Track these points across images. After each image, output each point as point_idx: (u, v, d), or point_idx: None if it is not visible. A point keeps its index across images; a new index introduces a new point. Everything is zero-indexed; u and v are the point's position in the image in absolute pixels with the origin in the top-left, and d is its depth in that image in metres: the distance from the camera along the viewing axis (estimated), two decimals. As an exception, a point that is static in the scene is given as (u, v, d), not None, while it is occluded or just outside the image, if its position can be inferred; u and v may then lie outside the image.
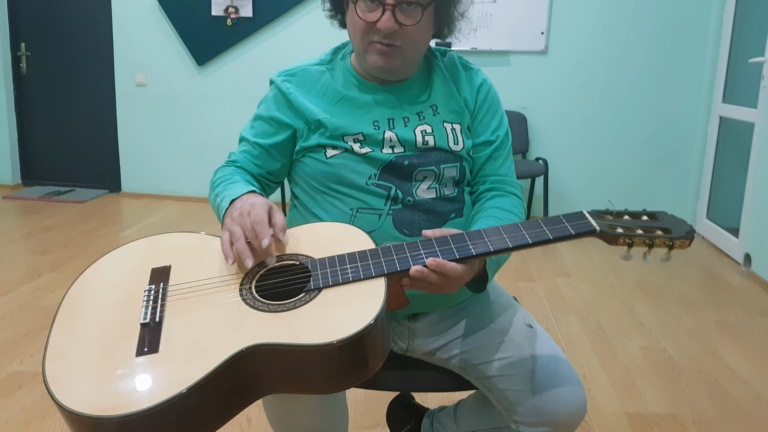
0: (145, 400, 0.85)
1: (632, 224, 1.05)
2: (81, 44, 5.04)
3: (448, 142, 1.27)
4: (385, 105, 1.27)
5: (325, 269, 1.03)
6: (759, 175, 3.53)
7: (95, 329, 0.98)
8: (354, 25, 1.21)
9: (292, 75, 1.31)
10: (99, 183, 5.25)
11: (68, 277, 3.18)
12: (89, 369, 0.92)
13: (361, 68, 1.28)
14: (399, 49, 1.19)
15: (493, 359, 1.22)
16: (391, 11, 1.15)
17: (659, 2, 4.32)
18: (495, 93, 1.35)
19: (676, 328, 2.80)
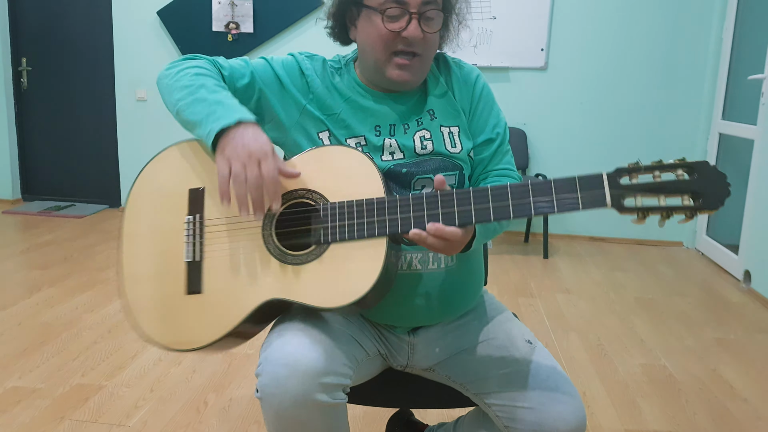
0: (200, 339, 1.14)
1: (656, 188, 1.00)
2: (82, 59, 5.07)
3: (446, 145, 1.27)
4: (387, 112, 1.28)
5: (335, 222, 1.10)
6: (759, 192, 3.53)
7: (153, 260, 1.20)
8: (375, 36, 1.20)
9: (312, 59, 1.32)
10: (99, 198, 5.26)
11: (67, 292, 3.18)
12: (154, 302, 1.18)
13: (369, 79, 1.29)
14: (419, 58, 1.22)
15: (492, 375, 1.22)
16: (417, 20, 1.17)
17: (659, 19, 4.35)
18: (489, 89, 1.37)
19: (676, 345, 2.79)
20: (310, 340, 1.09)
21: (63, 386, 2.23)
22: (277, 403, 1.04)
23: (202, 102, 1.14)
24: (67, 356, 2.47)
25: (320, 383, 1.05)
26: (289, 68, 1.29)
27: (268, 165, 1.07)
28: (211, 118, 1.12)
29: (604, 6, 4.39)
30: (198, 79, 1.18)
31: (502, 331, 1.29)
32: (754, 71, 3.73)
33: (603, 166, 4.49)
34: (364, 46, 1.24)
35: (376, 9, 1.18)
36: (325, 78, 1.29)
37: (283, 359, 1.05)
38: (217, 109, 1.12)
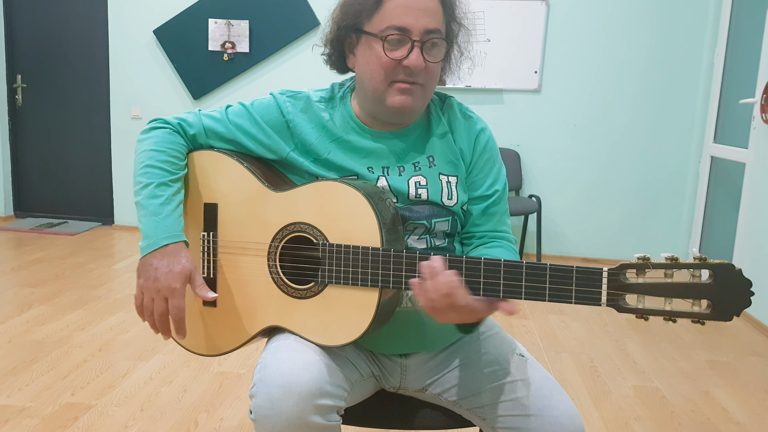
0: (212, 349, 1.26)
1: (665, 290, 0.93)
2: (77, 77, 5.08)
3: (442, 196, 1.24)
4: (381, 152, 1.24)
5: (332, 265, 1.13)
6: (750, 215, 3.56)
7: None
8: (375, 64, 1.16)
9: (295, 98, 1.28)
10: (92, 215, 5.24)
11: (58, 310, 3.16)
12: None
13: (367, 112, 1.25)
14: (420, 87, 1.18)
15: (486, 389, 1.22)
16: (419, 48, 1.14)
17: (651, 43, 4.40)
18: (494, 144, 1.32)
19: (668, 368, 2.79)
20: (305, 361, 1.08)
21: (52, 405, 2.21)
22: (271, 425, 1.03)
23: (141, 209, 1.20)
24: (57, 375, 2.44)
25: (315, 405, 1.04)
26: (270, 114, 1.27)
27: (173, 304, 1.13)
28: (143, 234, 1.17)
29: (598, 30, 4.44)
30: (146, 174, 1.21)
31: (494, 347, 1.29)
32: (745, 95, 3.78)
33: (595, 188, 4.55)
34: (363, 74, 1.20)
35: (377, 36, 1.15)
36: (311, 118, 1.26)
37: (278, 380, 1.05)
38: (149, 224, 1.17)
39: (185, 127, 1.28)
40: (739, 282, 0.90)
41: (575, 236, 4.67)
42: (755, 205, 3.50)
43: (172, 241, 1.15)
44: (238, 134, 1.26)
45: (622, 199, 4.60)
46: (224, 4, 4.71)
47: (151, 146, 1.24)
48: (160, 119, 1.29)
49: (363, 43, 1.19)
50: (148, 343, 2.79)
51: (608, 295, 0.97)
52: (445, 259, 1.04)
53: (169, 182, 1.21)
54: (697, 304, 0.93)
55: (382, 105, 1.19)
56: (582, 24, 4.46)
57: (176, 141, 1.26)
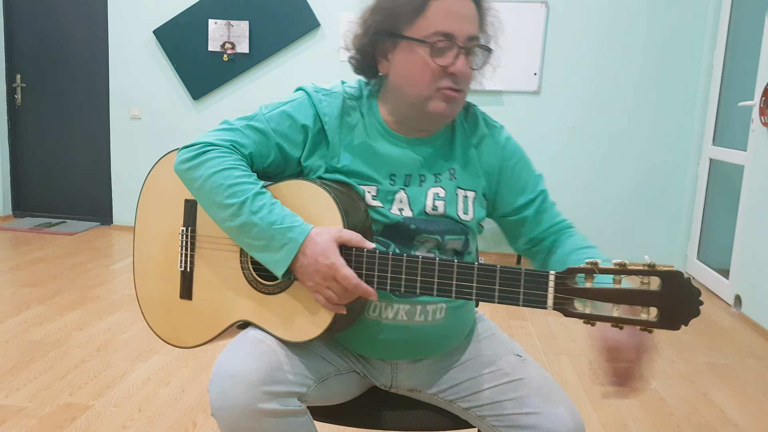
0: (189, 341, 1.28)
1: (613, 296, 0.92)
2: (77, 76, 5.08)
3: (458, 210, 1.23)
4: (405, 160, 1.22)
5: None
6: (749, 217, 3.56)
7: (156, 260, 1.31)
8: (419, 71, 1.14)
9: (331, 96, 1.23)
10: (90, 215, 5.24)
11: (56, 310, 3.15)
12: (157, 299, 1.31)
13: (397, 118, 1.22)
14: (462, 94, 1.18)
15: (483, 389, 1.22)
16: (464, 55, 1.14)
17: (651, 46, 4.41)
18: (519, 147, 1.34)
19: (667, 370, 2.79)
20: (258, 351, 1.10)
21: (50, 405, 2.20)
22: (227, 416, 1.05)
23: (254, 227, 1.10)
24: (54, 375, 2.44)
25: (265, 391, 1.05)
26: (308, 114, 1.21)
27: (340, 276, 1.06)
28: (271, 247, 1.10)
29: (597, 32, 4.44)
30: (235, 194, 1.12)
31: (491, 347, 1.29)
32: (744, 98, 3.78)
33: (594, 191, 4.55)
34: (402, 80, 1.17)
35: (423, 41, 1.12)
36: (341, 120, 1.22)
37: (227, 371, 1.06)
38: (273, 235, 1.09)
39: (239, 149, 1.19)
40: (687, 290, 0.89)
41: (574, 238, 4.66)
42: (754, 208, 3.50)
43: (302, 238, 1.08)
44: (284, 146, 1.21)
45: (621, 201, 4.60)
46: (224, 4, 4.71)
47: (219, 167, 1.14)
48: (203, 142, 1.18)
49: (403, 48, 1.15)
50: (146, 344, 2.79)
51: (555, 299, 0.97)
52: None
53: (260, 190, 1.14)
54: (645, 311, 0.91)
55: (421, 111, 1.17)
56: (581, 26, 4.46)
57: (238, 157, 1.18)
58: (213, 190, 1.13)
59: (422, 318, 1.21)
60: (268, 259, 1.10)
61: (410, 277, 1.07)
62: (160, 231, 1.31)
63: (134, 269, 1.35)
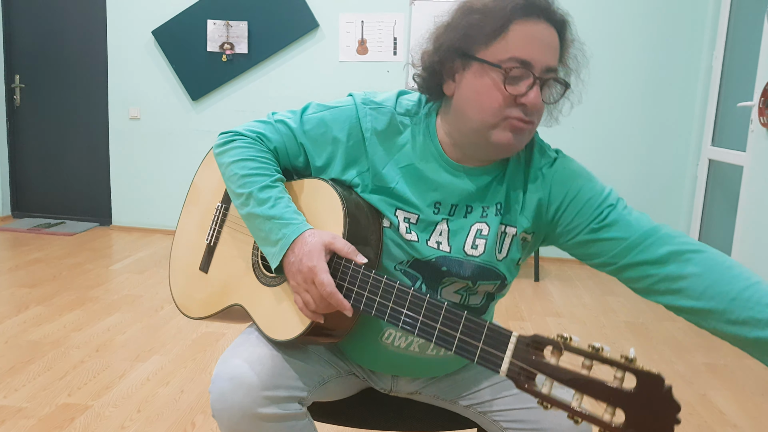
0: (193, 311, 1.33)
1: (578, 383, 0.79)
2: (76, 77, 5.08)
3: (497, 250, 1.15)
4: (453, 189, 1.13)
5: None
6: (748, 218, 3.56)
7: (192, 230, 1.39)
8: (488, 97, 1.04)
9: (378, 111, 1.16)
10: (89, 216, 5.24)
11: (55, 311, 3.15)
12: (182, 265, 1.38)
13: (455, 142, 1.13)
14: (531, 127, 1.07)
15: (484, 387, 1.23)
16: (539, 86, 1.04)
17: (650, 46, 4.41)
18: (574, 168, 1.19)
19: (666, 371, 2.79)
20: (258, 355, 1.10)
21: (49, 406, 2.20)
22: (227, 418, 1.05)
23: (256, 218, 1.13)
24: (53, 375, 2.44)
25: (265, 396, 1.05)
26: (345, 126, 1.16)
27: (317, 281, 1.04)
28: (268, 240, 1.12)
29: (596, 32, 4.45)
30: (245, 184, 1.15)
31: None
32: (744, 98, 3.78)
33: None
34: (468, 104, 1.07)
35: (497, 66, 1.03)
36: (388, 137, 1.15)
37: (228, 374, 1.07)
38: (270, 228, 1.11)
39: (265, 142, 1.21)
40: (665, 401, 0.74)
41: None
42: (753, 209, 3.51)
43: (294, 236, 1.08)
44: (307, 147, 1.20)
45: (620, 201, 4.59)
46: (223, 5, 4.71)
47: (239, 156, 1.18)
48: (234, 131, 1.22)
49: (474, 70, 1.06)
50: (145, 344, 2.78)
51: (510, 365, 0.87)
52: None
53: (272, 183, 1.15)
54: (610, 411, 0.77)
55: (484, 139, 1.07)
56: (580, 25, 4.41)
57: (262, 150, 1.19)
58: (230, 178, 1.19)
59: (434, 353, 1.20)
60: (267, 251, 1.13)
61: (383, 302, 1.03)
62: (204, 203, 1.38)
63: (176, 232, 1.43)
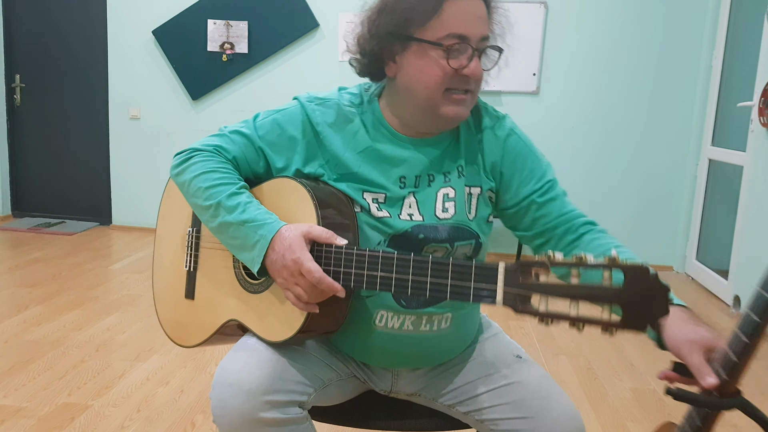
0: (187, 340, 1.32)
1: (570, 292, 0.83)
2: (76, 77, 5.08)
3: (467, 210, 1.20)
4: (413, 162, 1.19)
5: None
6: (748, 218, 3.56)
7: (169, 261, 1.35)
8: (432, 73, 1.10)
9: (324, 105, 1.21)
10: (89, 215, 5.24)
11: (55, 310, 3.15)
12: (167, 297, 1.35)
13: (403, 121, 1.19)
14: (471, 95, 1.15)
15: (481, 392, 1.21)
16: (478, 56, 1.11)
17: (649, 46, 4.41)
18: (522, 138, 1.26)
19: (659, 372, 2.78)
20: (257, 359, 1.10)
21: (49, 405, 2.20)
22: (227, 423, 1.05)
23: (229, 226, 1.13)
24: (53, 375, 2.44)
25: (265, 401, 1.05)
26: (297, 124, 1.20)
27: (304, 271, 1.04)
28: (245, 246, 1.11)
29: (596, 32, 4.45)
30: (210, 196, 1.15)
31: (490, 349, 1.28)
32: (744, 98, 3.78)
33: (593, 191, 4.55)
34: (412, 83, 1.13)
35: (437, 44, 1.08)
36: (340, 128, 1.19)
37: (228, 379, 1.07)
38: (245, 233, 1.11)
39: (223, 153, 1.22)
40: (654, 288, 0.79)
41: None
42: (753, 208, 3.50)
43: (271, 234, 1.08)
44: (271, 155, 1.22)
45: (620, 201, 4.60)
46: (223, 4, 4.71)
47: (200, 171, 1.18)
48: (190, 148, 1.23)
49: (414, 50, 1.11)
50: (145, 344, 2.78)
51: (504, 294, 0.90)
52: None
53: (237, 191, 1.15)
54: (606, 309, 0.82)
55: (431, 114, 1.14)
56: (580, 27, 4.46)
57: (220, 160, 1.20)
58: (195, 193, 1.18)
59: (428, 328, 1.20)
60: (245, 257, 1.12)
61: (371, 273, 1.04)
62: (174, 232, 1.36)
63: (153, 268, 1.40)
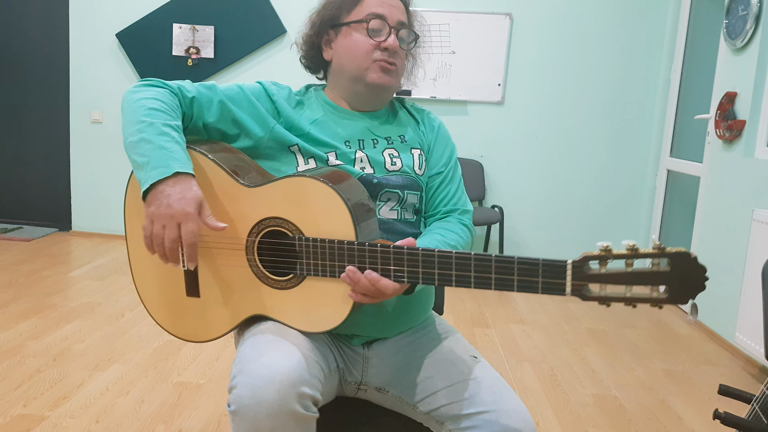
0: (202, 336, 1.32)
1: (626, 278, 0.98)
2: (36, 78, 4.96)
3: (414, 166, 1.38)
4: (356, 128, 1.38)
5: (309, 258, 1.17)
6: (704, 227, 3.65)
7: (155, 260, 1.30)
8: (358, 46, 1.34)
9: (279, 87, 1.40)
10: (48, 221, 5.12)
11: (11, 318, 3.07)
12: (161, 297, 1.33)
13: (342, 97, 1.41)
14: (396, 69, 1.37)
15: (440, 389, 1.27)
16: (395, 33, 1.35)
17: (611, 59, 4.50)
18: (445, 130, 1.49)
19: (626, 376, 2.84)
20: (285, 350, 1.11)
21: (3, 417, 2.14)
22: (252, 414, 1.04)
23: (147, 144, 1.17)
24: (8, 385, 2.37)
25: (297, 393, 1.05)
26: (258, 93, 1.37)
27: (187, 228, 1.11)
28: (150, 164, 1.14)
29: (560, 45, 4.53)
30: (150, 115, 1.20)
31: (449, 348, 1.34)
32: (700, 111, 3.89)
33: (556, 199, 4.62)
34: (343, 59, 1.37)
35: (360, 21, 1.34)
36: (291, 104, 1.38)
37: (259, 370, 1.06)
38: (158, 155, 1.15)
39: (184, 92, 1.30)
40: (694, 268, 0.94)
41: (536, 246, 4.73)
42: (709, 217, 3.60)
43: (184, 170, 1.14)
44: (230, 105, 1.32)
45: (582, 209, 4.68)
46: (189, 9, 4.66)
47: (153, 95, 1.24)
48: (157, 79, 1.30)
49: (343, 34, 1.37)
50: (104, 353, 2.73)
51: (572, 286, 1.02)
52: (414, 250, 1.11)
53: (176, 126, 1.22)
54: (655, 289, 0.97)
55: (362, 83, 1.36)
56: (544, 39, 4.54)
57: (176, 104, 1.28)
58: (137, 109, 1.21)
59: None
60: (142, 175, 1.14)
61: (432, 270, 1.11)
62: None
63: (132, 270, 1.36)
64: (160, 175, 1.12)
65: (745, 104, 3.29)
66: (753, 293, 2.94)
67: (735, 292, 3.18)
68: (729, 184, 3.41)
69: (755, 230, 2.99)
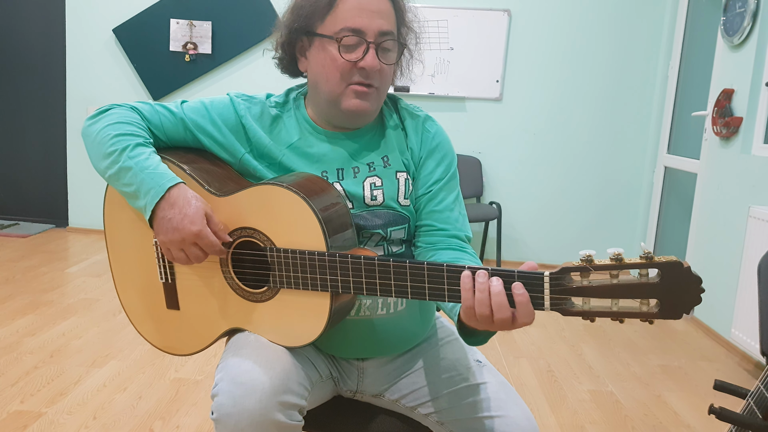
0: (184, 349, 1.28)
1: (611, 291, 0.88)
2: (32, 74, 4.95)
3: (398, 196, 1.24)
4: (335, 155, 1.23)
5: (281, 270, 1.12)
6: (701, 223, 3.66)
7: (136, 271, 1.28)
8: (330, 67, 1.16)
9: (250, 101, 1.27)
10: (45, 217, 5.11)
11: (8, 315, 3.06)
12: (144, 308, 1.30)
13: (321, 116, 1.24)
14: (375, 90, 1.18)
15: (443, 393, 1.23)
16: (374, 50, 1.15)
17: (609, 55, 4.50)
18: (443, 139, 1.30)
19: (622, 372, 2.84)
20: (267, 358, 1.08)
21: (0, 413, 2.14)
22: (233, 423, 1.02)
23: (127, 171, 1.14)
24: (5, 381, 2.37)
25: (278, 402, 1.03)
26: (227, 114, 1.24)
27: (205, 244, 1.10)
28: (140, 191, 1.12)
29: (558, 41, 4.52)
30: (117, 142, 1.16)
31: (451, 352, 1.30)
32: (698, 108, 3.89)
33: (553, 196, 4.62)
34: (317, 78, 1.20)
35: (331, 37, 1.15)
36: (264, 124, 1.24)
37: (240, 377, 1.04)
38: (142, 178, 1.12)
39: (138, 111, 1.24)
40: (687, 279, 0.86)
41: (534, 242, 4.74)
42: (706, 214, 3.61)
43: (172, 184, 1.11)
44: (195, 132, 1.24)
45: (580, 206, 4.69)
46: (187, 4, 4.65)
47: (112, 121, 1.19)
48: (109, 104, 1.24)
49: (316, 45, 1.18)
50: (102, 349, 2.73)
51: (551, 300, 0.93)
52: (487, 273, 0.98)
53: (146, 143, 1.18)
54: (645, 303, 0.88)
55: (337, 108, 1.19)
56: (542, 35, 4.53)
57: (137, 117, 1.22)
58: (102, 141, 1.17)
59: (384, 311, 1.22)
60: (139, 204, 1.13)
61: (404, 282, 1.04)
62: (133, 242, 1.27)
63: (114, 280, 1.33)
64: (155, 199, 1.10)
65: (743, 101, 3.29)
66: (749, 289, 2.94)
67: (731, 289, 3.19)
68: (726, 180, 3.41)
69: (751, 227, 3.00)
